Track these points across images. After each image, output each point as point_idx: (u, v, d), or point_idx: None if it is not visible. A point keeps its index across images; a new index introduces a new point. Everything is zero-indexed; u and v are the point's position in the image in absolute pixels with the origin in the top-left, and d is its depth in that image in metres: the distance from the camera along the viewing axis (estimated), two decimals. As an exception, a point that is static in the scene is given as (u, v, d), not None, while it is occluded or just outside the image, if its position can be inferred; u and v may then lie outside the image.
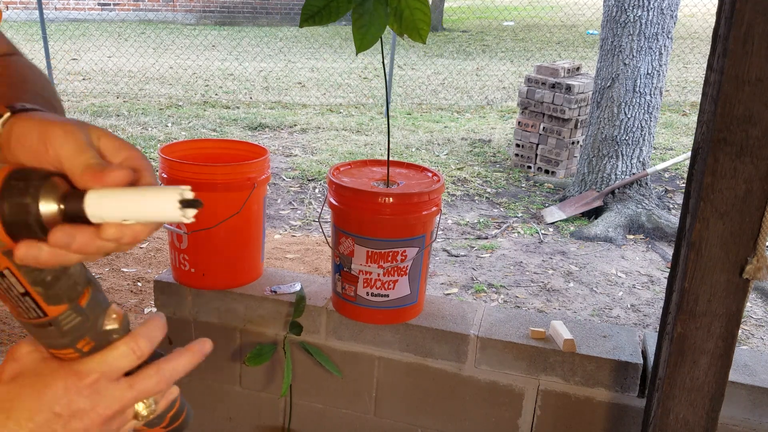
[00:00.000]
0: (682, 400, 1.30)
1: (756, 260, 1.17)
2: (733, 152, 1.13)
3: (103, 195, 0.47)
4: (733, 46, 1.08)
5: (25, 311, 0.52)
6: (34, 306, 0.51)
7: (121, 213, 0.47)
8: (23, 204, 0.46)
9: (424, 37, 1.45)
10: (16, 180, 0.46)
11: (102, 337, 0.55)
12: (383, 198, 1.60)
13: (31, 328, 0.53)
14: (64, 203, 0.47)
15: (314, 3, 1.40)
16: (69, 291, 0.52)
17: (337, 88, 9.02)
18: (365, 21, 1.37)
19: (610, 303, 3.65)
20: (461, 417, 1.78)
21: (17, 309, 0.52)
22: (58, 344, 0.54)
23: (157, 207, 0.46)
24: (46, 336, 0.53)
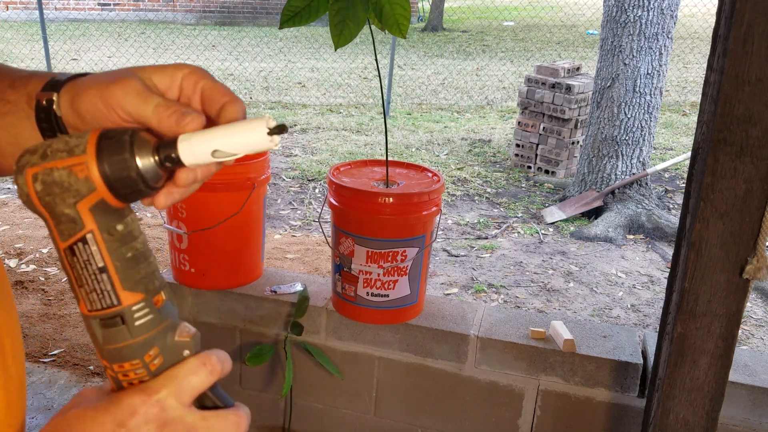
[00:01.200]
0: (682, 400, 1.30)
1: (756, 260, 1.17)
2: (733, 152, 1.13)
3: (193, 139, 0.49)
4: (733, 46, 1.08)
5: (99, 295, 0.48)
6: (109, 288, 0.48)
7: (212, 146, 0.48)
8: (123, 160, 0.47)
9: (404, 32, 1.46)
10: (108, 139, 0.48)
11: (172, 352, 0.51)
12: (383, 198, 1.60)
13: (98, 326, 0.49)
14: (158, 154, 0.48)
15: (294, 4, 1.41)
16: (147, 279, 0.50)
17: (337, 88, 9.02)
18: (341, 17, 1.38)
19: (610, 303, 3.65)
20: (461, 417, 1.78)
21: (89, 293, 0.48)
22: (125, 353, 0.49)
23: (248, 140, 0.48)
24: (113, 338, 0.49)
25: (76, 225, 0.48)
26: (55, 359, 2.82)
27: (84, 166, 0.47)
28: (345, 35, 1.40)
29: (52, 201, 0.47)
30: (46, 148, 0.48)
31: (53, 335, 3.00)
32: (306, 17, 1.42)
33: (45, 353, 2.85)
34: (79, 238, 0.48)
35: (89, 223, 0.48)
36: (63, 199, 0.47)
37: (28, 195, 0.48)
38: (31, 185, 0.47)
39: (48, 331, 3.01)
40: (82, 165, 0.47)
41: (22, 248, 3.77)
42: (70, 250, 0.48)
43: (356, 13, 1.39)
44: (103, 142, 0.48)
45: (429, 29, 14.65)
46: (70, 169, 0.47)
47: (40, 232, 4.13)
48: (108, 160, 0.47)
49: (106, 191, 0.48)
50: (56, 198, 0.47)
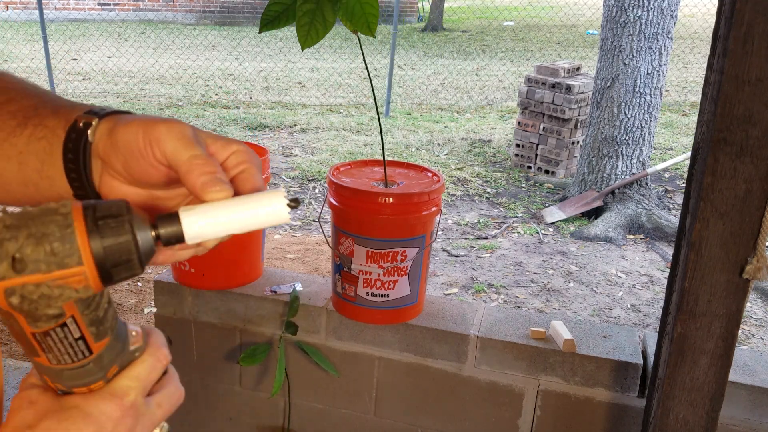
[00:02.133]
0: (682, 400, 1.30)
1: (756, 260, 1.17)
2: (733, 152, 1.13)
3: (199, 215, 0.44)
4: (733, 46, 1.08)
5: (72, 356, 0.46)
6: (83, 348, 0.46)
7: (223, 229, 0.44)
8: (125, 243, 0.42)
9: (373, 30, 1.48)
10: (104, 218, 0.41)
11: (127, 359, 0.51)
12: (383, 198, 1.60)
13: (64, 372, 0.47)
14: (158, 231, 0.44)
15: (273, 8, 1.43)
16: (112, 321, 0.48)
17: (337, 88, 9.02)
18: (309, 19, 1.40)
19: (610, 303, 3.65)
20: (461, 417, 1.78)
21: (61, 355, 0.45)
22: (90, 380, 0.48)
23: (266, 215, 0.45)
24: (80, 376, 0.47)
25: (57, 319, 0.43)
26: None
27: (82, 278, 0.41)
28: (312, 36, 1.42)
29: (33, 308, 0.41)
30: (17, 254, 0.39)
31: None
32: (284, 21, 1.45)
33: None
34: (58, 326, 0.43)
35: (71, 311, 0.43)
36: (48, 305, 0.41)
37: None
38: (2, 299, 0.40)
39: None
40: (80, 277, 0.41)
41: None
42: (43, 334, 0.43)
43: (324, 15, 1.41)
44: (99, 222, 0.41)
45: (429, 29, 14.65)
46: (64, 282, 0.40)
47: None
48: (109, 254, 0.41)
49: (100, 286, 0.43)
50: (39, 306, 0.41)
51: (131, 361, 0.51)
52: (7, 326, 0.44)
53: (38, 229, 0.39)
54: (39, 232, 0.39)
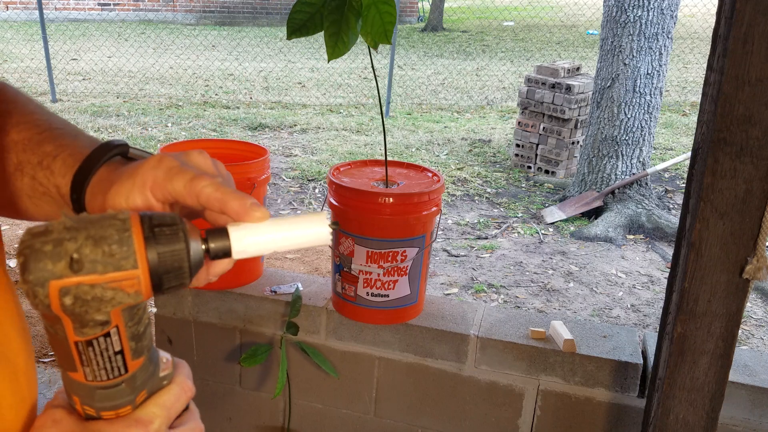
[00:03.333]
0: (682, 401, 1.30)
1: (756, 260, 1.17)
2: (733, 152, 1.13)
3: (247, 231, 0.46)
4: (733, 46, 1.08)
5: (109, 371, 0.46)
6: (120, 364, 0.46)
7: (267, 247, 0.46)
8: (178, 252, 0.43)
9: (390, 37, 1.50)
10: (160, 226, 0.42)
11: (156, 385, 0.51)
12: (383, 198, 1.60)
13: (97, 391, 0.47)
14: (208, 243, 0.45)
15: (297, 17, 1.44)
16: (148, 342, 0.48)
17: (337, 88, 9.02)
18: (335, 29, 1.41)
19: (610, 303, 3.65)
20: (461, 417, 1.78)
21: (98, 371, 0.46)
22: (120, 403, 0.48)
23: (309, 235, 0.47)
24: (111, 397, 0.48)
25: (103, 326, 0.43)
26: (55, 359, 2.82)
27: (136, 282, 0.42)
28: (339, 47, 1.43)
29: (83, 311, 0.42)
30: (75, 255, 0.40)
31: (53, 335, 3.00)
32: (312, 29, 1.46)
33: (45, 353, 2.85)
34: (102, 334, 0.44)
35: (117, 320, 0.44)
36: (98, 309, 0.42)
37: (48, 306, 0.41)
38: (56, 298, 0.40)
39: (48, 331, 3.01)
40: (133, 281, 0.41)
41: (22, 248, 3.77)
42: (86, 344, 0.44)
43: (350, 26, 1.42)
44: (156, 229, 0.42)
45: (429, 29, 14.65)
46: (117, 285, 0.41)
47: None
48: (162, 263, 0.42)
49: (150, 293, 0.43)
50: (90, 308, 0.42)
51: (159, 388, 0.51)
52: (50, 336, 0.45)
53: (97, 231, 0.40)
54: (98, 234, 0.40)
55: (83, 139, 0.58)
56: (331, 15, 1.41)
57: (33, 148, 0.57)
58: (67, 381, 0.48)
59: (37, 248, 0.40)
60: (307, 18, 1.44)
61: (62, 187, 0.55)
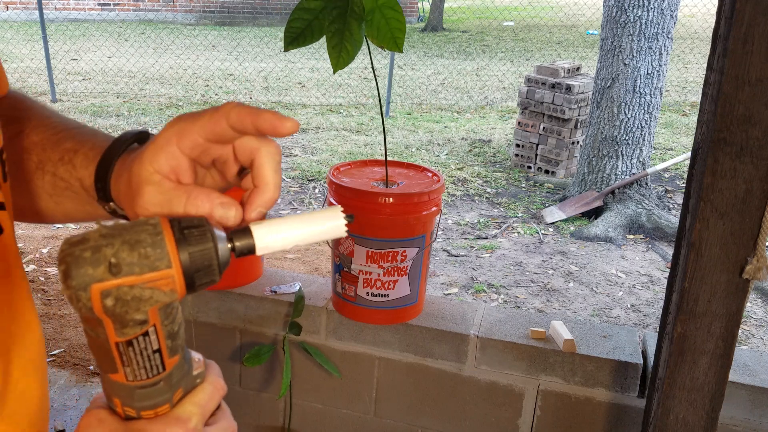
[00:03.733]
0: (682, 401, 1.30)
1: (756, 260, 1.17)
2: (733, 152, 1.13)
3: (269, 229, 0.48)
4: (733, 46, 1.08)
5: (148, 370, 0.49)
6: (158, 362, 0.49)
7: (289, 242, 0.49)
8: (208, 250, 0.45)
9: (401, 46, 1.47)
10: (189, 228, 0.45)
11: (191, 384, 0.53)
12: (383, 198, 1.60)
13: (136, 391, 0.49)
14: (233, 242, 0.48)
15: (295, 25, 1.41)
16: (182, 340, 0.51)
17: (337, 88, 9.02)
18: (338, 39, 1.38)
19: (610, 303, 3.65)
20: (461, 417, 1.78)
21: (137, 370, 0.48)
22: (159, 401, 0.50)
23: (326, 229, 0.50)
24: (150, 396, 0.50)
25: (142, 326, 0.46)
26: (54, 359, 2.81)
27: (171, 281, 0.44)
28: (343, 57, 1.40)
29: (124, 312, 0.45)
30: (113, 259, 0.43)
31: (53, 335, 3.00)
32: (309, 38, 1.43)
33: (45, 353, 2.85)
34: (141, 334, 0.46)
35: (154, 319, 0.46)
36: (137, 309, 0.45)
37: (91, 309, 0.44)
38: (98, 301, 0.43)
39: (48, 331, 3.01)
40: (168, 279, 0.44)
41: (23, 248, 3.77)
42: (126, 344, 0.47)
43: (352, 34, 1.40)
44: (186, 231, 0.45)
45: (429, 29, 14.65)
46: (154, 285, 0.44)
47: (39, 232, 4.13)
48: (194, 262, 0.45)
49: (184, 290, 0.46)
50: (129, 309, 0.45)
51: (194, 387, 0.53)
52: (91, 339, 0.48)
53: (131, 236, 0.44)
54: (132, 239, 0.43)
55: (101, 134, 0.61)
56: (333, 25, 1.38)
57: (53, 146, 0.60)
58: (107, 384, 0.50)
59: (77, 255, 0.43)
60: (305, 26, 1.41)
61: (85, 179, 0.58)
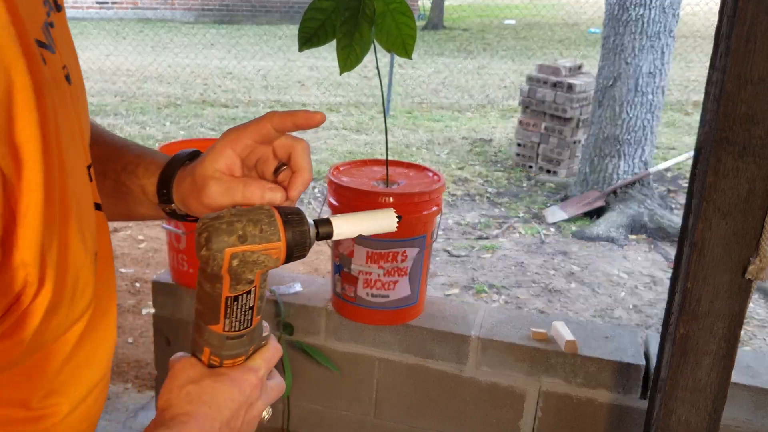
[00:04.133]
0: (684, 402, 1.29)
1: (759, 260, 1.16)
2: (735, 152, 1.12)
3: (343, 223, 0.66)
4: (736, 44, 1.07)
5: (240, 323, 0.64)
6: (249, 318, 0.64)
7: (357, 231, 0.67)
8: (305, 231, 0.62)
9: (410, 52, 1.47)
10: (291, 215, 0.62)
11: (260, 342, 0.68)
12: (383, 198, 1.59)
13: (224, 340, 0.64)
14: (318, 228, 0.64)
15: (308, 24, 1.41)
16: (264, 306, 0.66)
17: (337, 87, 9.01)
18: (348, 41, 1.38)
19: (612, 304, 3.64)
20: (462, 418, 1.77)
21: (233, 323, 0.63)
22: (239, 352, 0.66)
23: (382, 225, 0.68)
24: (235, 346, 0.65)
25: (249, 284, 0.62)
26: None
27: (278, 251, 0.60)
28: (351, 59, 1.40)
29: (242, 271, 0.60)
30: (240, 231, 0.59)
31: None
32: (324, 38, 1.43)
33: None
34: (244, 292, 0.62)
35: (257, 281, 0.62)
36: (251, 270, 0.61)
37: (220, 266, 0.59)
38: (228, 262, 0.59)
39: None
40: (277, 249, 0.60)
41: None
42: (233, 299, 0.62)
43: (362, 36, 1.39)
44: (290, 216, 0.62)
45: (430, 27, 14.64)
46: (267, 252, 0.60)
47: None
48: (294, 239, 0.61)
49: (284, 260, 0.62)
50: (246, 270, 0.60)
51: (261, 346, 0.68)
52: (204, 295, 0.63)
53: (253, 216, 0.60)
54: (255, 218, 0.60)
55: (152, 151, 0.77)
56: (344, 26, 1.38)
57: (115, 158, 0.75)
58: (204, 334, 0.65)
59: (216, 227, 0.58)
60: (318, 26, 1.41)
61: (147, 186, 0.73)
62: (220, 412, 0.62)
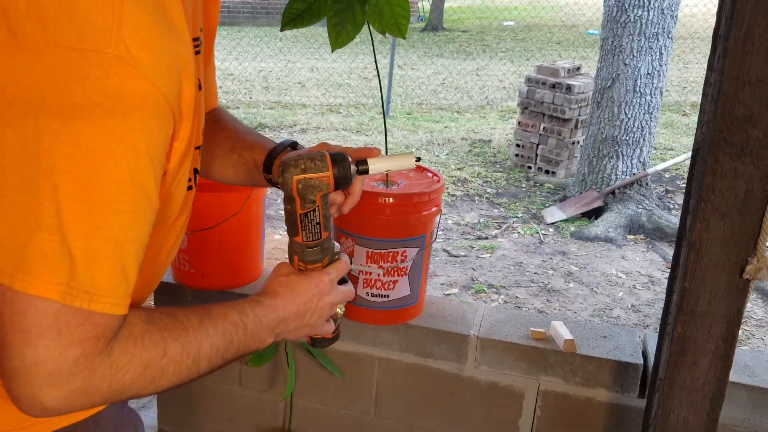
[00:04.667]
0: (682, 401, 1.30)
1: (756, 260, 1.17)
2: (733, 152, 1.13)
3: (376, 162, 0.94)
4: (734, 46, 1.08)
5: (312, 235, 0.91)
6: (318, 230, 0.91)
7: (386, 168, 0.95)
8: (347, 166, 0.89)
9: (404, 32, 1.46)
10: (338, 155, 0.88)
11: (333, 256, 0.96)
12: (383, 198, 1.59)
13: (303, 247, 0.92)
14: (358, 166, 0.92)
15: (295, 6, 1.40)
16: (331, 225, 0.93)
17: (337, 88, 9.02)
18: (339, 19, 1.38)
19: (611, 303, 3.65)
20: (461, 418, 1.78)
21: (307, 234, 0.91)
22: (316, 259, 0.93)
23: (404, 164, 0.95)
24: (311, 254, 0.93)
25: (312, 204, 0.89)
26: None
27: (328, 178, 0.88)
28: (342, 37, 1.40)
29: (305, 192, 0.88)
30: (302, 165, 0.87)
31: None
32: (308, 19, 1.42)
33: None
34: (311, 210, 0.89)
35: (318, 201, 0.89)
36: (312, 192, 0.88)
37: (291, 189, 0.87)
38: (295, 185, 0.87)
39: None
40: (327, 176, 0.88)
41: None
42: (304, 215, 0.90)
43: (354, 15, 1.39)
44: (336, 156, 0.88)
45: (429, 29, 14.65)
46: (320, 179, 0.87)
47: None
48: (339, 172, 0.88)
49: (332, 188, 0.89)
50: (308, 191, 0.88)
51: (334, 260, 0.96)
52: (287, 215, 0.90)
53: (311, 156, 0.88)
54: (312, 157, 0.87)
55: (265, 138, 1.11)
56: (336, 4, 1.38)
57: (240, 140, 1.09)
58: (291, 246, 0.94)
59: (288, 163, 0.87)
60: (305, 8, 1.41)
61: (258, 161, 1.05)
62: (300, 295, 0.90)
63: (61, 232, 0.61)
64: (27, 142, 0.61)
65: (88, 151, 0.61)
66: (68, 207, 0.61)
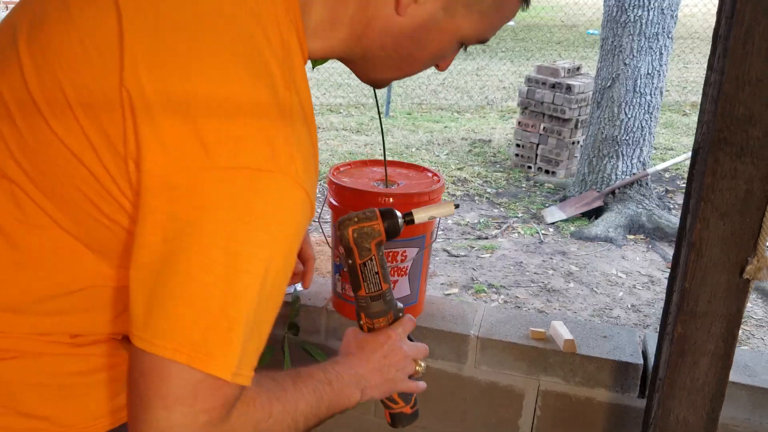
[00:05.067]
0: (682, 401, 1.30)
1: (756, 260, 1.17)
2: (733, 152, 1.13)
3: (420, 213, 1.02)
4: (734, 46, 1.08)
5: (372, 285, 0.97)
6: (378, 281, 0.97)
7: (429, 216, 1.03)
8: (396, 222, 0.97)
9: None
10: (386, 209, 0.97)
11: (397, 312, 1.01)
12: (383, 198, 1.59)
13: (367, 300, 0.98)
14: (404, 218, 1.00)
15: None
16: (389, 277, 0.99)
17: (337, 88, 9.02)
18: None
19: (611, 303, 3.65)
20: (461, 417, 1.78)
21: (369, 285, 0.97)
22: (380, 311, 0.99)
23: (446, 211, 1.04)
24: (375, 306, 0.98)
25: (368, 252, 0.96)
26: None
27: (379, 225, 0.96)
28: None
29: (361, 241, 0.95)
30: (355, 218, 0.95)
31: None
32: None
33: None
34: (368, 259, 0.96)
35: (374, 251, 0.96)
36: (366, 240, 0.95)
37: (348, 240, 0.95)
38: (351, 236, 0.95)
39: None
40: (378, 224, 0.96)
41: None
42: (363, 264, 0.96)
43: None
44: (385, 212, 0.97)
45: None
46: (372, 226, 0.95)
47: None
48: (388, 220, 0.96)
49: (384, 236, 0.96)
50: (362, 240, 0.95)
51: (399, 317, 1.01)
52: (349, 269, 0.97)
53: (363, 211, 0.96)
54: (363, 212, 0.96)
55: None
56: None
57: None
58: (357, 303, 0.99)
59: (343, 220, 0.95)
60: None
61: None
62: (372, 351, 0.96)
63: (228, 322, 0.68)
64: None
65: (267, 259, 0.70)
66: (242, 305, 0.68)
